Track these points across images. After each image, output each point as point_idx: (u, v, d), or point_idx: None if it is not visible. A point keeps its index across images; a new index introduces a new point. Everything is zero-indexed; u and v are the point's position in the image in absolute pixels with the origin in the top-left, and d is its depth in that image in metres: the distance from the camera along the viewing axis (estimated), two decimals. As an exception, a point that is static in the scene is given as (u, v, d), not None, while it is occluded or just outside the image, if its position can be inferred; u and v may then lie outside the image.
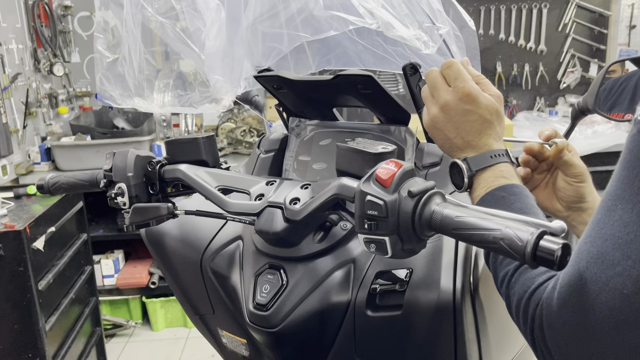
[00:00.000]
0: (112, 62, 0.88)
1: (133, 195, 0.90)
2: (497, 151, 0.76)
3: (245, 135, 3.30)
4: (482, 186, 0.74)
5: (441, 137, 0.80)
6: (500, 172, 0.74)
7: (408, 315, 0.77)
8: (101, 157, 3.18)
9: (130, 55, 0.85)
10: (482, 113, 0.77)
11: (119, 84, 0.88)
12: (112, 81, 0.89)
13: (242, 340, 0.99)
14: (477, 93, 0.77)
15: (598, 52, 3.81)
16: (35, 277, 1.95)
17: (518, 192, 0.71)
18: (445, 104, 0.77)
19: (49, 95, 3.46)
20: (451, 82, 0.77)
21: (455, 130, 0.78)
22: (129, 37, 0.84)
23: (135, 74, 0.87)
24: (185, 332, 3.25)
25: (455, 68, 0.77)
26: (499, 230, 0.58)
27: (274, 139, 1.10)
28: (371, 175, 0.67)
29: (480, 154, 0.76)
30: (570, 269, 0.57)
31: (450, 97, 0.77)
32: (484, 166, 0.75)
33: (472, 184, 0.76)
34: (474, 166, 0.75)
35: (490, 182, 0.74)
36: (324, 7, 0.87)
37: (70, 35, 3.63)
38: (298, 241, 0.86)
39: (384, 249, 0.66)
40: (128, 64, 0.86)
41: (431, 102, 0.80)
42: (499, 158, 0.75)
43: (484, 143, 0.77)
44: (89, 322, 2.51)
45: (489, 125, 0.77)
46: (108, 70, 0.88)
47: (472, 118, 0.77)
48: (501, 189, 0.72)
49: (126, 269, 3.26)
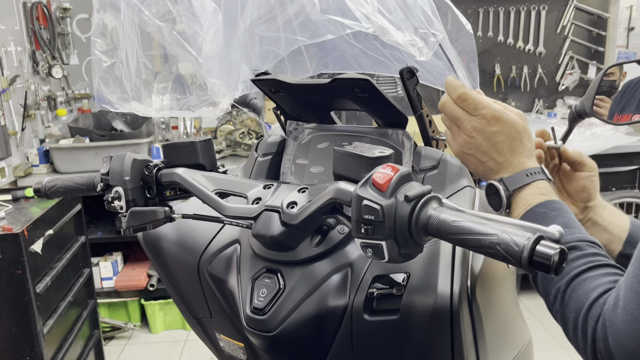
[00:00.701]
0: (110, 65, 0.88)
1: (130, 199, 0.89)
2: (532, 169, 0.77)
3: (244, 137, 3.30)
4: (521, 205, 0.75)
5: (474, 162, 0.81)
6: (538, 189, 0.75)
7: (405, 319, 0.77)
8: (100, 159, 3.16)
9: (128, 59, 0.85)
10: (509, 132, 0.77)
11: (117, 88, 0.88)
12: (109, 85, 0.89)
13: (240, 344, 0.99)
14: (501, 113, 0.77)
15: (596, 54, 3.82)
16: (33, 280, 1.95)
17: (558, 208, 0.72)
18: (473, 130, 0.78)
19: (47, 97, 3.46)
20: (473, 112, 0.78)
21: (487, 153, 0.78)
22: (127, 41, 0.84)
23: (133, 77, 0.87)
24: (184, 335, 3.25)
25: (471, 99, 0.78)
26: (495, 235, 0.58)
27: (271, 142, 1.10)
28: (368, 180, 0.67)
29: (516, 173, 0.77)
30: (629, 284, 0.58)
31: (476, 123, 0.78)
32: (521, 185, 0.76)
33: (510, 203, 0.77)
34: (510, 186, 0.76)
35: (529, 200, 0.74)
36: (321, 11, 0.87)
37: (69, 37, 3.63)
38: (295, 245, 0.86)
39: (380, 254, 0.66)
40: (125, 67, 0.86)
41: (457, 132, 0.81)
42: (535, 176, 0.76)
43: (517, 162, 0.77)
44: (87, 324, 2.50)
45: (518, 143, 0.78)
46: (106, 73, 0.88)
47: (501, 138, 0.77)
48: (541, 206, 0.73)
49: (125, 271, 3.25)
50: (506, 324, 0.93)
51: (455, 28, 0.85)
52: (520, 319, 1.03)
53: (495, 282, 0.86)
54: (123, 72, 0.86)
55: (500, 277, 0.89)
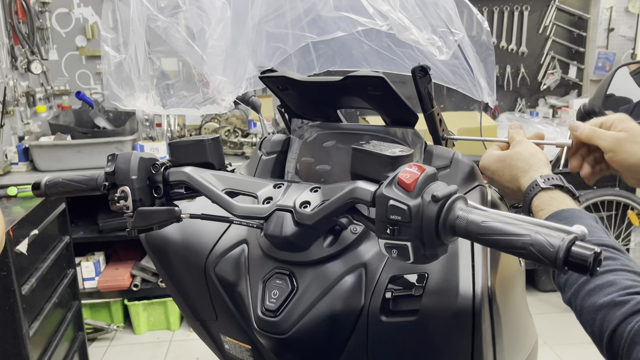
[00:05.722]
0: (119, 61, 0.85)
1: (137, 198, 0.87)
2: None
3: (230, 135, 3.26)
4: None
5: None
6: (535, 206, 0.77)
7: (424, 321, 0.76)
8: (82, 157, 3.13)
9: (136, 55, 0.83)
10: None
11: (125, 84, 0.86)
12: (117, 81, 0.86)
13: (247, 346, 0.97)
14: None
15: (577, 55, 3.87)
16: (19, 282, 1.89)
17: (568, 216, 0.73)
18: None
19: (26, 93, 3.37)
20: None
21: None
22: (135, 37, 0.82)
23: (141, 73, 0.85)
24: (168, 335, 3.20)
25: None
26: (528, 235, 0.57)
27: (276, 141, 1.08)
28: (393, 179, 0.66)
29: None
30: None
31: None
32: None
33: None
34: None
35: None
36: (334, 8, 0.85)
37: (48, 32, 3.54)
38: (308, 245, 0.85)
39: (406, 255, 0.65)
40: (134, 63, 0.83)
41: None
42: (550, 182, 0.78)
43: None
44: (71, 326, 2.45)
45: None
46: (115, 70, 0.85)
47: None
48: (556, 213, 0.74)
49: (107, 271, 3.19)
50: (519, 322, 0.93)
51: (472, 25, 0.84)
52: (530, 317, 1.04)
53: (510, 281, 0.86)
54: (131, 67, 0.84)
55: (514, 276, 0.89)
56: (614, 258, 0.67)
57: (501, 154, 0.87)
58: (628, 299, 0.62)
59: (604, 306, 0.63)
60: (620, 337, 0.60)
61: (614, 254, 0.68)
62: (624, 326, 0.60)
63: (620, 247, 0.70)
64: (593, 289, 0.65)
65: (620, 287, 0.63)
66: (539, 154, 0.84)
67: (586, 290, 0.66)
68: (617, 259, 0.67)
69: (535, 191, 0.77)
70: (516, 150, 0.86)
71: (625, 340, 0.60)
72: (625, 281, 0.63)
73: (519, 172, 0.83)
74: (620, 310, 0.61)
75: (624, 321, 0.61)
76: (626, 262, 0.67)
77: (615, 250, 0.68)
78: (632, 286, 0.63)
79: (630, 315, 0.61)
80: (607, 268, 0.66)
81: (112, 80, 0.86)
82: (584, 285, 0.66)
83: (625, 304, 0.61)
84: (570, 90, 3.93)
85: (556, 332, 2.93)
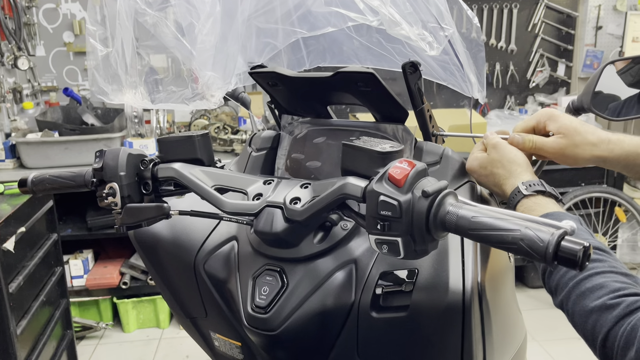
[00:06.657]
0: (105, 55, 0.84)
1: (125, 195, 0.86)
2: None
3: (219, 132, 3.25)
4: None
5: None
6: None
7: (414, 317, 0.76)
8: (70, 154, 3.10)
9: (123, 49, 0.82)
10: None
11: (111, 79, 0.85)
12: (104, 76, 0.85)
13: (237, 343, 0.97)
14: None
15: (565, 52, 3.90)
16: (6, 280, 1.87)
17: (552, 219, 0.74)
18: None
19: (13, 89, 3.33)
20: None
21: None
22: (122, 30, 0.81)
23: (128, 68, 0.84)
24: (157, 333, 3.19)
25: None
26: (518, 230, 0.57)
27: (265, 137, 1.08)
28: (383, 175, 0.66)
29: None
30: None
31: None
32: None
33: None
34: None
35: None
36: (324, 3, 0.85)
37: (35, 27, 3.50)
38: (298, 242, 0.84)
39: (396, 250, 0.65)
40: (121, 57, 0.82)
41: None
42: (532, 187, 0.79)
43: None
44: (60, 325, 2.42)
45: None
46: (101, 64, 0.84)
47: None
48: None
49: (96, 269, 3.17)
50: (509, 317, 0.94)
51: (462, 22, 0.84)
52: (519, 313, 1.04)
53: (499, 277, 0.86)
54: (118, 62, 0.83)
55: (504, 271, 0.89)
56: (602, 260, 0.67)
57: (483, 159, 0.88)
58: (619, 302, 0.62)
59: (595, 310, 0.64)
60: (614, 340, 0.61)
61: (601, 256, 0.68)
62: (617, 329, 0.61)
63: (606, 247, 0.70)
64: (583, 292, 0.66)
65: (610, 290, 0.64)
66: (518, 158, 0.84)
67: (577, 294, 0.66)
68: (605, 261, 0.67)
69: (517, 198, 0.78)
70: (493, 157, 0.87)
71: (618, 343, 0.61)
72: (614, 284, 0.64)
73: (501, 180, 0.85)
74: (612, 314, 0.62)
75: (616, 324, 0.62)
76: (613, 264, 0.68)
77: (602, 252, 0.69)
78: (622, 288, 0.63)
79: (622, 318, 0.61)
80: (595, 270, 0.66)
81: (99, 74, 0.84)
82: (574, 289, 0.67)
83: (616, 307, 0.62)
84: (558, 88, 3.95)
85: (545, 328, 2.96)
